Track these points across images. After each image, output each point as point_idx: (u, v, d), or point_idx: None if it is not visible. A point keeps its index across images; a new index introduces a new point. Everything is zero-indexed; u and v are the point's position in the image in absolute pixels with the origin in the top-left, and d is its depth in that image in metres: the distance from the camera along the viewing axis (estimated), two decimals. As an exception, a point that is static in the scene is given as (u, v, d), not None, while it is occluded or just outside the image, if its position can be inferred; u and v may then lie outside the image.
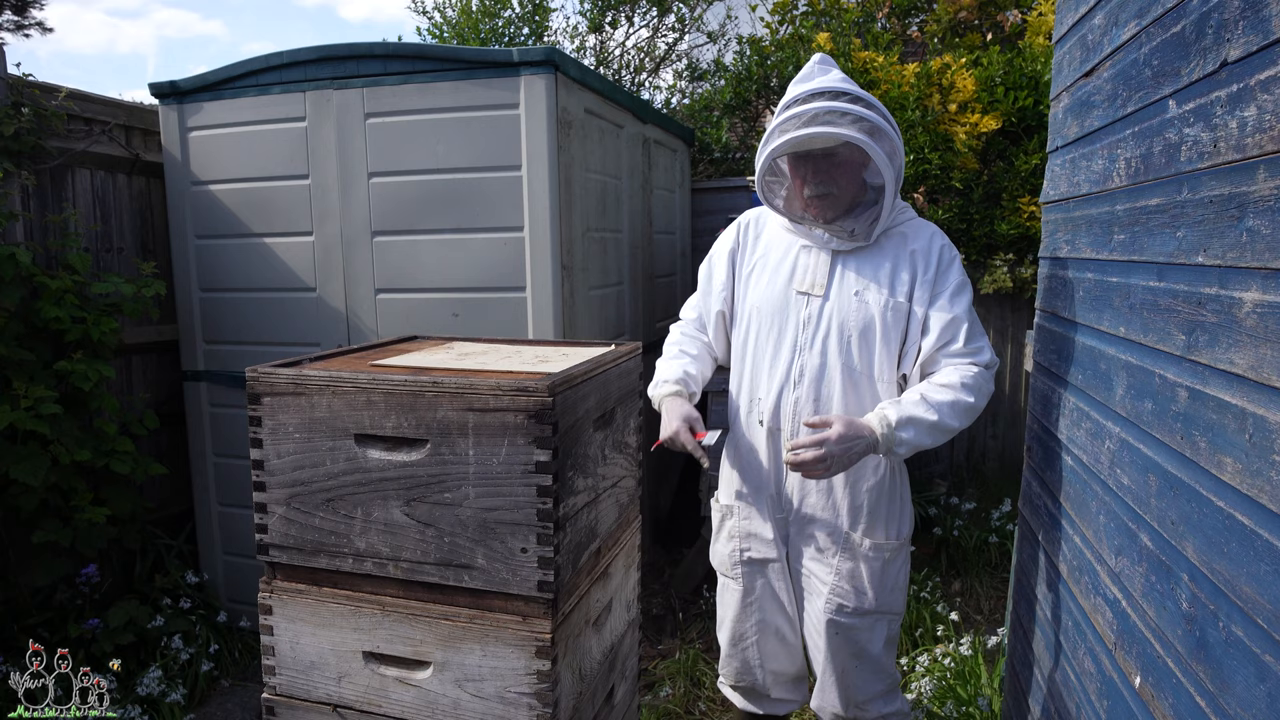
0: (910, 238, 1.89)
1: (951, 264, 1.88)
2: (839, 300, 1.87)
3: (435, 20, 6.27)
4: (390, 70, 2.78)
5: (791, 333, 1.90)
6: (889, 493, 1.91)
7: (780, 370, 1.90)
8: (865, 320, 1.84)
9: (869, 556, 1.89)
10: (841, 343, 1.85)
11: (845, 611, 1.91)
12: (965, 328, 1.83)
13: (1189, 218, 1.15)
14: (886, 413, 1.73)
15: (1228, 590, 0.98)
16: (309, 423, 1.29)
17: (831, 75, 1.86)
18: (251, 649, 3.10)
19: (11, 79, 2.80)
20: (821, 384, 1.86)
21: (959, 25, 4.67)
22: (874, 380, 1.86)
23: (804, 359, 1.88)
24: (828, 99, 1.77)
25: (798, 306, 1.90)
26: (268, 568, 1.37)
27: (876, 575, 1.90)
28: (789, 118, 1.78)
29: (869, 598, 1.90)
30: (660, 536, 3.97)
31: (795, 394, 1.88)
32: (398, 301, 2.91)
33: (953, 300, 1.84)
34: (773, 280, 1.94)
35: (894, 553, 1.92)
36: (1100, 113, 1.59)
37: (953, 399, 1.75)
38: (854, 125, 1.72)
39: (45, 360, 2.72)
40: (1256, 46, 0.97)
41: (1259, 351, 0.93)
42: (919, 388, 1.78)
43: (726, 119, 5.29)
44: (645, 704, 2.72)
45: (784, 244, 1.97)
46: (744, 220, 2.07)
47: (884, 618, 1.94)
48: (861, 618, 1.92)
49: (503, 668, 1.25)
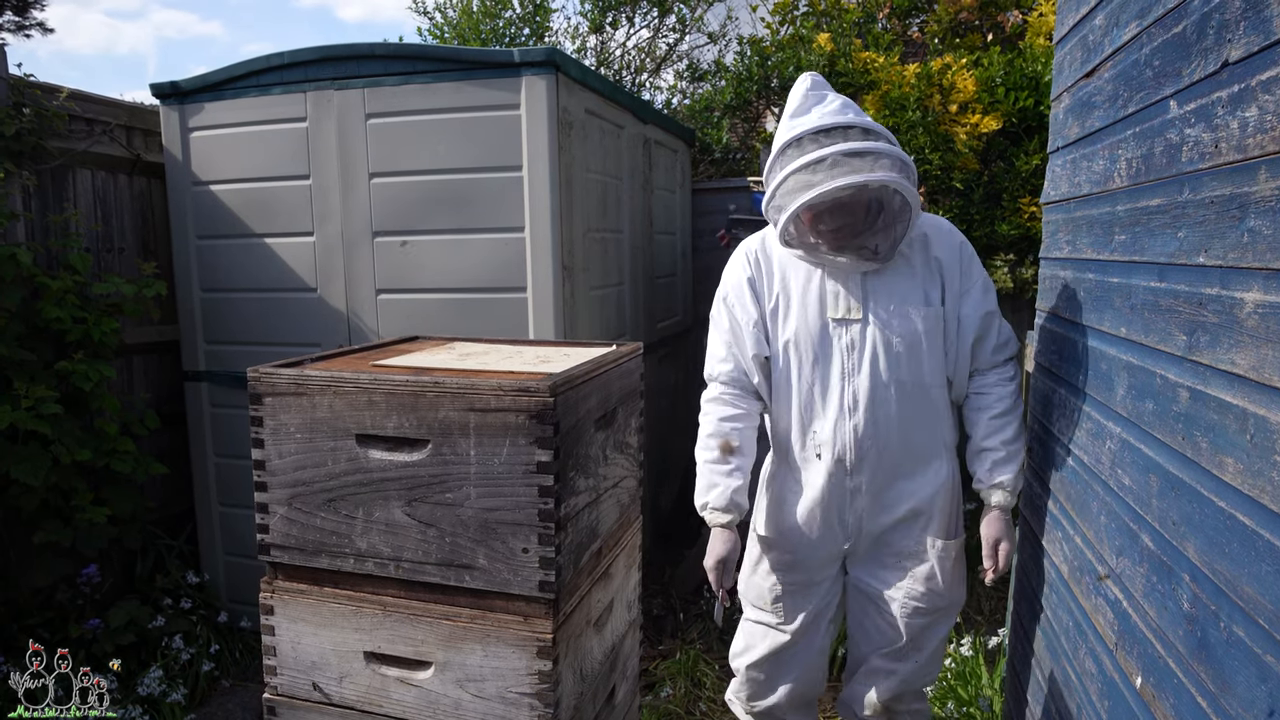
0: (931, 241, 1.88)
1: (972, 260, 1.90)
2: (878, 320, 1.84)
3: (436, 21, 6.27)
4: (391, 70, 2.78)
5: (838, 361, 1.86)
6: (951, 493, 1.93)
7: (834, 401, 1.87)
8: (909, 335, 1.83)
9: (941, 556, 1.92)
10: (890, 360, 1.83)
11: (922, 612, 1.94)
12: (998, 321, 1.89)
13: (1190, 218, 1.15)
14: (1004, 487, 1.86)
15: (1229, 591, 0.98)
16: (310, 423, 1.29)
17: (829, 105, 1.78)
18: (252, 649, 3.10)
19: (13, 79, 2.81)
20: (877, 407, 1.84)
21: (959, 26, 4.66)
22: (926, 389, 1.86)
23: (855, 384, 1.85)
24: (839, 138, 1.70)
25: (838, 334, 1.86)
26: (269, 568, 1.37)
27: (947, 572, 1.93)
28: (807, 165, 1.69)
29: (941, 594, 1.93)
30: (661, 537, 3.97)
31: (853, 421, 1.85)
32: (399, 302, 2.91)
33: (984, 294, 1.88)
34: (803, 311, 1.88)
35: (958, 549, 1.95)
36: (1101, 113, 1.59)
37: (1017, 424, 1.88)
38: (878, 165, 1.67)
39: (46, 360, 2.72)
40: (1258, 47, 0.97)
41: (1260, 352, 0.93)
42: (994, 435, 1.87)
43: (727, 119, 5.29)
44: (646, 704, 2.72)
45: (803, 272, 1.90)
46: (749, 251, 1.96)
47: (953, 609, 1.99)
48: (934, 616, 1.96)
49: (504, 668, 1.25)
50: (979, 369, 1.90)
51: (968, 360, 1.88)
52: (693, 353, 4.34)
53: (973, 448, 1.90)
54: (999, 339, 1.89)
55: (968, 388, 1.92)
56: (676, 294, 4.30)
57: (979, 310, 1.86)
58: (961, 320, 1.86)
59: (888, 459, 1.87)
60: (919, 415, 1.87)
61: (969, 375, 1.91)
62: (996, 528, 1.85)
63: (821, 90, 1.82)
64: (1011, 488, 1.85)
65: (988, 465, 1.86)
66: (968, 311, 1.86)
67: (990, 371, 1.90)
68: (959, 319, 1.86)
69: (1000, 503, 1.85)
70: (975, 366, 1.90)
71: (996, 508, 1.86)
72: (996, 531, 1.85)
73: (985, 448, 1.87)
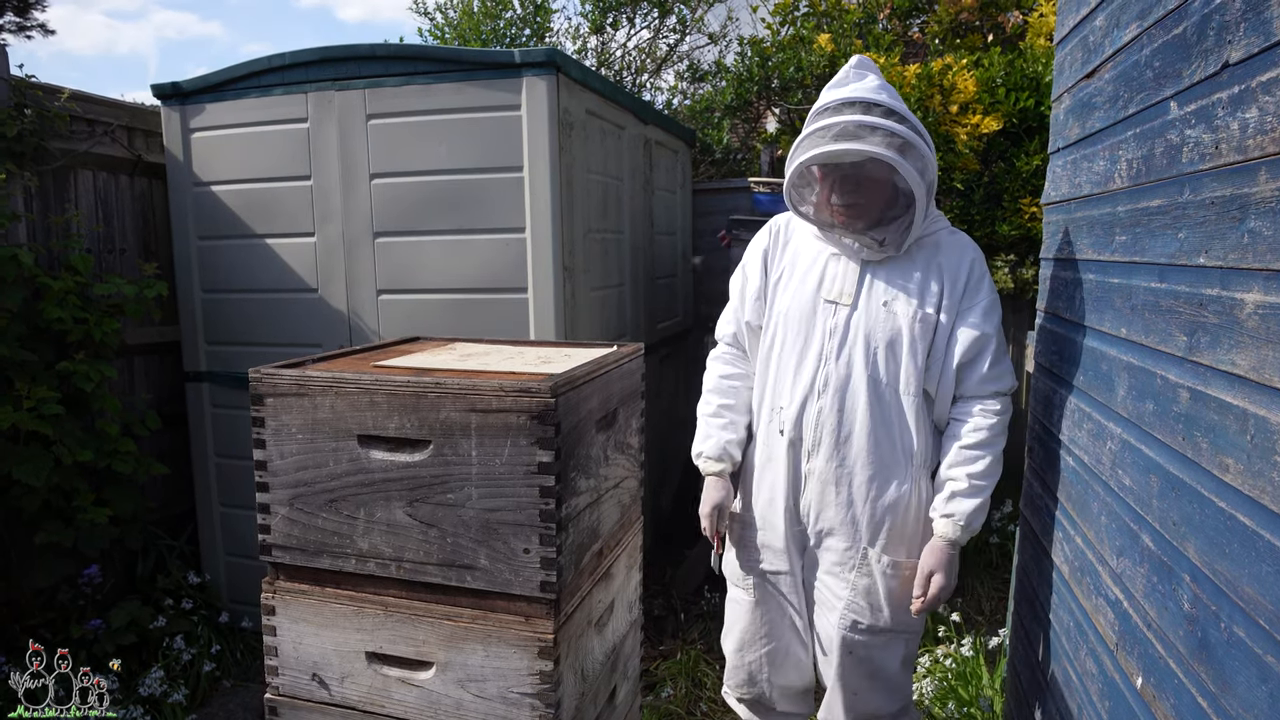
0: (943, 248, 1.85)
1: (982, 280, 1.84)
2: (867, 310, 1.82)
3: (436, 21, 6.27)
4: (392, 71, 2.78)
5: (818, 342, 1.85)
6: (910, 511, 1.85)
7: (804, 380, 1.86)
8: (893, 331, 1.80)
9: (887, 574, 1.85)
10: (868, 354, 1.81)
11: (860, 629, 1.87)
12: (993, 347, 1.81)
13: (1190, 219, 1.15)
14: (955, 519, 1.77)
15: (1229, 591, 0.98)
16: (312, 423, 1.29)
17: (866, 83, 1.79)
18: (253, 649, 3.10)
19: (14, 80, 2.81)
20: (846, 395, 1.82)
21: (960, 26, 4.67)
22: (899, 393, 1.81)
23: (829, 369, 1.84)
24: (859, 111, 1.72)
25: (824, 315, 1.85)
26: (271, 568, 1.37)
27: (894, 593, 1.85)
28: (818, 129, 1.73)
29: (884, 615, 1.86)
30: (662, 537, 3.98)
31: (819, 404, 1.84)
32: (400, 302, 2.91)
33: (984, 318, 1.81)
34: (800, 287, 1.90)
35: (912, 571, 1.85)
36: (1102, 114, 1.59)
37: (989, 461, 1.80)
38: (883, 141, 1.67)
39: (48, 361, 2.73)
40: (1258, 48, 0.97)
41: (1260, 353, 0.94)
42: (959, 465, 1.80)
43: (727, 120, 5.29)
44: (647, 705, 2.72)
45: (813, 251, 1.92)
46: (775, 224, 2.02)
47: (900, 636, 1.89)
48: (876, 635, 1.87)
49: (505, 668, 1.26)
50: (963, 395, 1.84)
51: (951, 381, 1.82)
52: (693, 353, 4.35)
53: (939, 475, 1.84)
54: (990, 370, 1.81)
55: (950, 413, 1.86)
56: (677, 294, 4.31)
57: (973, 332, 1.80)
58: (953, 336, 1.81)
59: (844, 451, 1.83)
60: (886, 418, 1.82)
61: (954, 400, 1.85)
62: (934, 558, 1.78)
63: (864, 70, 1.85)
64: (964, 522, 1.77)
65: (946, 494, 1.80)
66: (961, 330, 1.81)
67: (974, 401, 1.83)
68: (950, 335, 1.81)
69: (946, 534, 1.78)
70: (960, 393, 1.84)
71: (942, 538, 1.78)
72: (933, 563, 1.77)
73: (948, 477, 1.80)
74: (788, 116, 4.98)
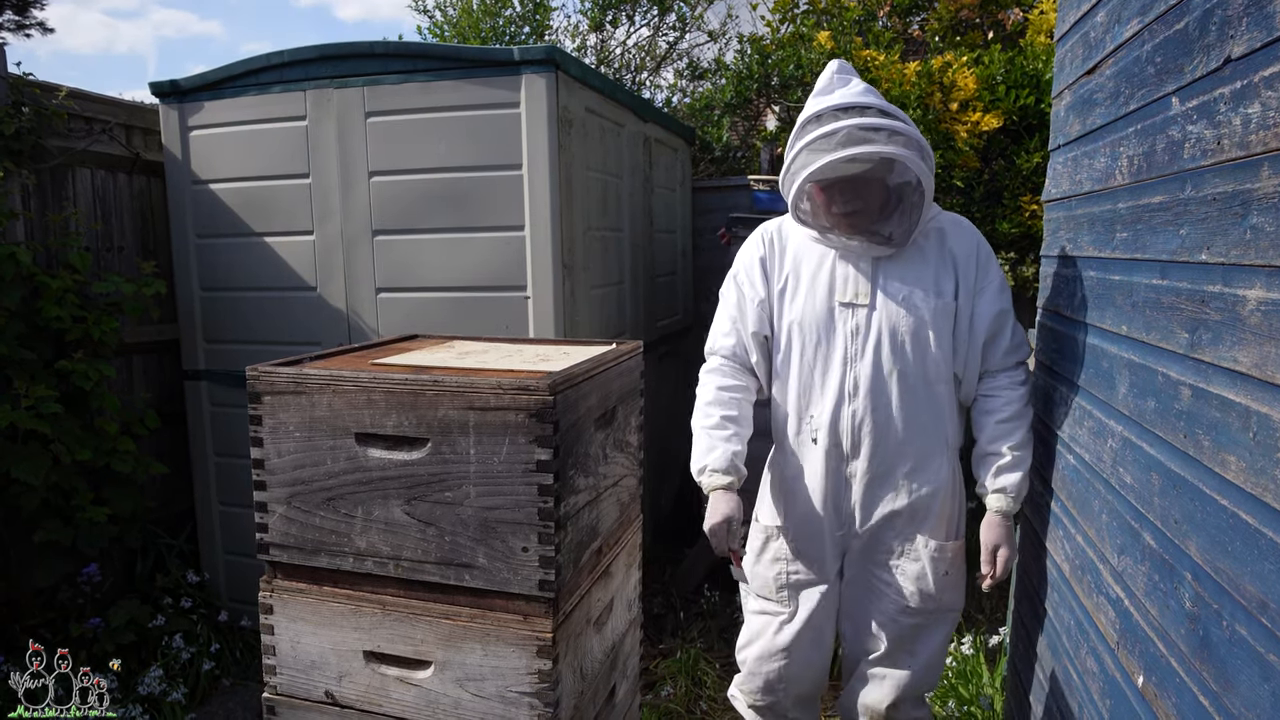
0: (949, 235, 1.87)
1: (990, 258, 1.88)
2: (886, 307, 1.83)
3: (436, 19, 6.27)
4: (391, 69, 2.77)
5: (840, 346, 1.85)
6: (950, 494, 1.91)
7: (833, 385, 1.86)
8: (916, 324, 1.82)
9: (934, 558, 1.89)
10: (895, 349, 1.82)
11: (909, 611, 1.91)
12: (1011, 323, 1.87)
13: (1192, 215, 1.14)
14: (1007, 492, 1.83)
15: (1231, 589, 0.97)
16: (310, 422, 1.28)
17: (853, 87, 1.81)
18: (252, 648, 3.10)
19: (12, 78, 2.80)
20: (878, 394, 1.83)
21: (960, 24, 4.66)
22: (930, 384, 1.84)
23: (857, 370, 1.84)
24: (855, 115, 1.73)
25: (843, 318, 1.85)
26: (268, 567, 1.37)
27: (940, 574, 1.90)
28: (819, 137, 1.72)
29: (934, 596, 1.91)
30: (661, 535, 3.97)
31: (852, 407, 1.85)
32: (398, 300, 2.91)
33: (999, 293, 1.86)
34: (811, 294, 1.89)
35: (955, 552, 1.92)
36: (1102, 110, 1.58)
37: (1025, 431, 1.84)
38: (891, 141, 1.69)
39: (46, 359, 2.72)
40: (1260, 43, 0.96)
41: (1263, 349, 0.93)
42: (1000, 439, 1.84)
43: (727, 118, 5.29)
44: (646, 703, 2.72)
45: (815, 255, 1.91)
46: (765, 232, 1.99)
47: (949, 614, 1.95)
48: (926, 617, 1.92)
49: (504, 667, 1.25)
50: (989, 370, 1.88)
51: (978, 360, 1.86)
52: (693, 352, 4.34)
53: (978, 451, 1.87)
54: (1011, 341, 1.86)
55: (977, 389, 1.89)
56: (677, 292, 4.30)
57: (993, 309, 1.84)
58: (974, 318, 1.84)
59: (885, 449, 1.85)
60: (920, 408, 1.85)
61: (979, 377, 1.88)
62: (996, 533, 1.82)
63: (847, 75, 1.86)
64: (1015, 494, 1.82)
65: (991, 469, 1.83)
66: (981, 309, 1.84)
67: (1001, 374, 1.87)
68: (971, 316, 1.84)
69: (1001, 508, 1.82)
70: (986, 368, 1.87)
71: (997, 513, 1.83)
72: (996, 537, 1.82)
73: (990, 451, 1.84)
74: (787, 114, 4.97)
